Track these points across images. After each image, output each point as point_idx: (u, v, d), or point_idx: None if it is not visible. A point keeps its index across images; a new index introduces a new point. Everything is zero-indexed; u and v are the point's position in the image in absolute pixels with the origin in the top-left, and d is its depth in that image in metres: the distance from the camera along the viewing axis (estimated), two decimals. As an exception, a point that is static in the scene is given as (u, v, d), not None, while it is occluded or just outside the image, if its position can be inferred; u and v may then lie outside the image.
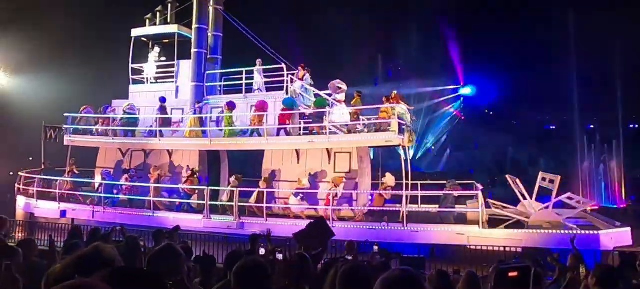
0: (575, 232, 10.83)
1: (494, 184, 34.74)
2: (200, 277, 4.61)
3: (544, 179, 12.70)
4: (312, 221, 6.16)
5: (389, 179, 12.22)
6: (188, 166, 14.10)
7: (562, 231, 10.74)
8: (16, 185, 16.92)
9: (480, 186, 12.73)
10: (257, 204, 12.72)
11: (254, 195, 12.92)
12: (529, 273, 2.31)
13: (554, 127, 39.89)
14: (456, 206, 12.14)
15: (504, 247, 10.28)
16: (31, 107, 21.64)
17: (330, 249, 7.26)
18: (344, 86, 13.99)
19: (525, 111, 38.13)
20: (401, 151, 13.59)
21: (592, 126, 36.27)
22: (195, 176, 13.73)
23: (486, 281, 5.15)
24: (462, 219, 11.93)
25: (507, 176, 14.08)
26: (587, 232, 10.70)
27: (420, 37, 38.07)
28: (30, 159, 17.96)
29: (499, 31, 36.46)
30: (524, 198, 12.59)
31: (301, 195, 12.76)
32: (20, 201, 16.70)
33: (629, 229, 11.05)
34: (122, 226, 8.64)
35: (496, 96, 39.50)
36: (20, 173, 17.03)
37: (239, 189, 12.88)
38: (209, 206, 13.15)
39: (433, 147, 41.28)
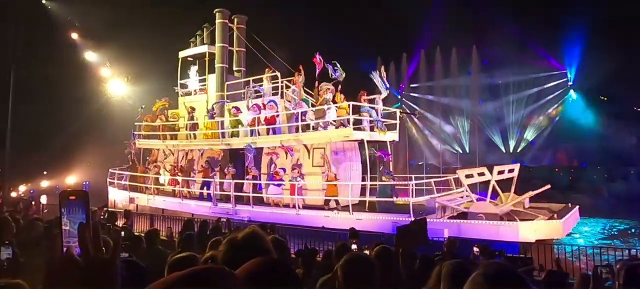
0: (498, 222, 11.44)
1: (612, 178, 31.91)
2: (302, 269, 4.92)
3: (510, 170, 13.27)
4: (415, 219, 6.71)
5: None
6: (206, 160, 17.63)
7: (483, 222, 11.37)
8: (108, 179, 22.47)
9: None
10: (246, 194, 15.60)
11: (245, 186, 15.81)
12: None
13: (686, 111, 34.50)
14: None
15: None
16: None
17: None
18: (330, 87, 15.96)
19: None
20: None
21: None
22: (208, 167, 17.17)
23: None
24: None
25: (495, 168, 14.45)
26: (508, 223, 11.15)
27: (517, 19, 36.28)
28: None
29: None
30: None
31: (283, 185, 15.21)
32: (111, 191, 22.16)
33: (560, 221, 11.11)
34: (228, 218, 10.85)
35: (611, 79, 35.59)
36: (110, 170, 22.53)
37: (235, 181, 15.91)
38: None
39: (536, 140, 38.84)
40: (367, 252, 4.89)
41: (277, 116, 16.03)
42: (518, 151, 39.17)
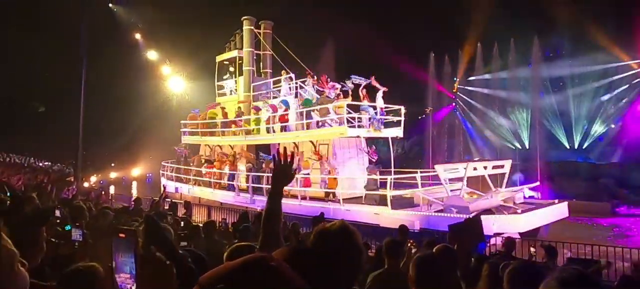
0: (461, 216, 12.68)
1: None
2: None
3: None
4: (469, 216, 7.45)
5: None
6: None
7: (446, 214, 12.67)
8: (161, 171, 25.97)
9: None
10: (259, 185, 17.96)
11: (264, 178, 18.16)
12: None
13: None
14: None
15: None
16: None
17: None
18: (335, 85, 17.74)
19: None
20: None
21: None
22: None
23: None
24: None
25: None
26: (470, 216, 12.31)
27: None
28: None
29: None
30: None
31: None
32: (162, 181, 25.62)
33: (520, 216, 12.08)
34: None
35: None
36: (162, 162, 25.99)
37: (252, 174, 18.31)
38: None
39: (604, 135, 37.26)
40: (413, 250, 5.19)
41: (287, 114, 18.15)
42: (583, 147, 37.89)
